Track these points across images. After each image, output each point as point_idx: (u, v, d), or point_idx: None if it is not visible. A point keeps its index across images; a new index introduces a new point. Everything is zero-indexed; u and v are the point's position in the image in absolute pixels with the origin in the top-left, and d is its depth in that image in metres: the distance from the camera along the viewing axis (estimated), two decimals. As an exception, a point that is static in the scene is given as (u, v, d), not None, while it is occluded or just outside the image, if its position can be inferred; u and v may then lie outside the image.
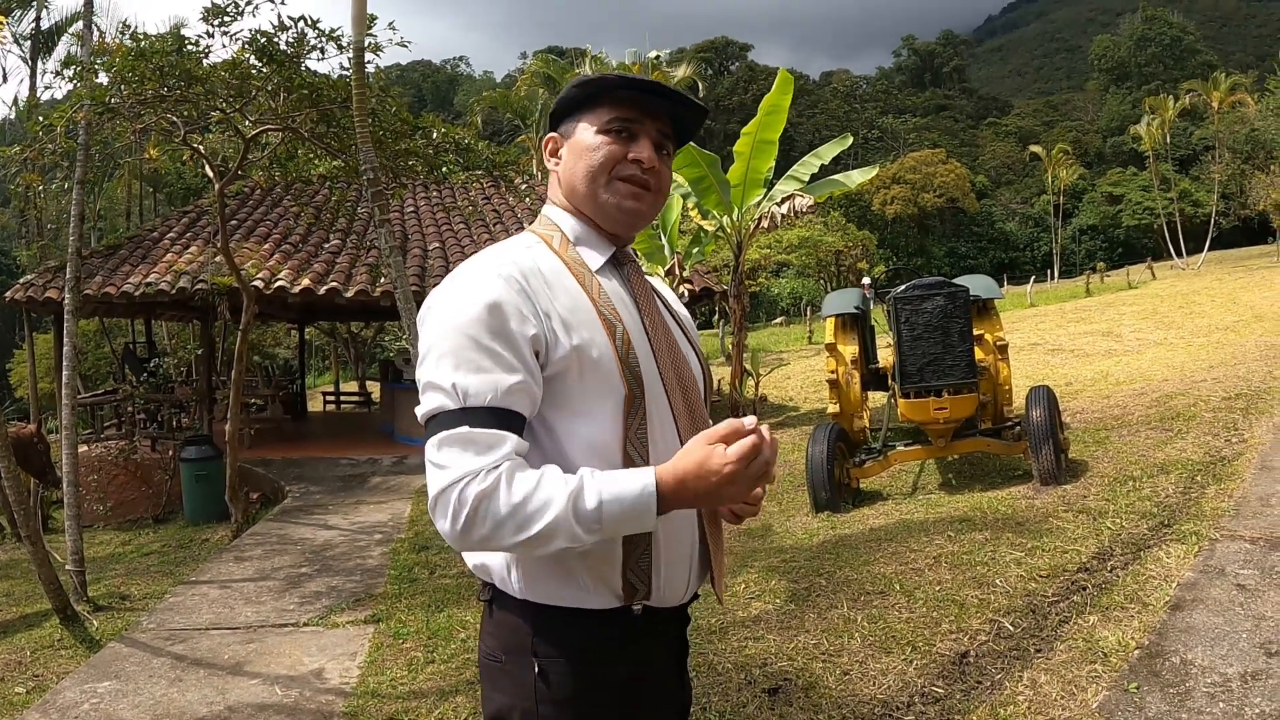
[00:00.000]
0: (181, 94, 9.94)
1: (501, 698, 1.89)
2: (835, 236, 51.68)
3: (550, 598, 1.81)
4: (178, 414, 17.25)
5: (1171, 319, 21.70)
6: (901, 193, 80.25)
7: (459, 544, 1.67)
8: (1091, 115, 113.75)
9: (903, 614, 5.29)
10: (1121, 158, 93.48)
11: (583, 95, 1.92)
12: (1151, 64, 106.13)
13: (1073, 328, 22.35)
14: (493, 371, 1.68)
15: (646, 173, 1.90)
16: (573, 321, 1.77)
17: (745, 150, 13.70)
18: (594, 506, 1.61)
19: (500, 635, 1.89)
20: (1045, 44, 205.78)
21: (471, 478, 1.62)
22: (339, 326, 32.97)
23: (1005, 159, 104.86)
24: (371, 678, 5.53)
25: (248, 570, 8.57)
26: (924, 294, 8.34)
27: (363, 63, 8.13)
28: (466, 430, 1.65)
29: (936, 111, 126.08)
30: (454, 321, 1.72)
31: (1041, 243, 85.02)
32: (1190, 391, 10.97)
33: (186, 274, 14.90)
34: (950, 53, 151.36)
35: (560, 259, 1.88)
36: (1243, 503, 6.57)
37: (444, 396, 1.69)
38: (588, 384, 1.77)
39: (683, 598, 1.95)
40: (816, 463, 8.45)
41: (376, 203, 8.22)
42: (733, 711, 4.31)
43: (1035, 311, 30.05)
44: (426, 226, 18.42)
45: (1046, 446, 7.95)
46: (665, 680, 1.99)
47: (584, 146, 1.91)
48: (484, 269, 1.78)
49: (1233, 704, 3.84)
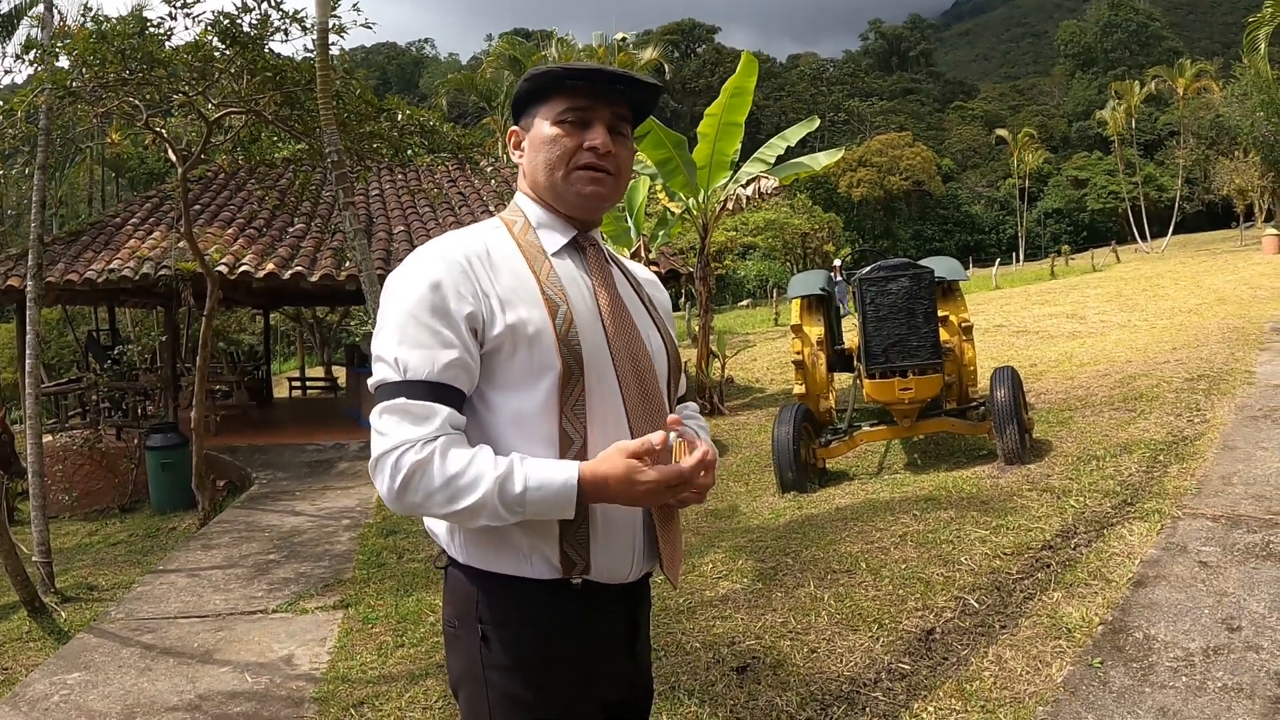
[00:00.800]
0: (143, 77, 9.82)
1: (456, 663, 1.97)
2: (801, 219, 51.75)
3: (491, 564, 1.88)
4: (143, 402, 17.13)
5: (1135, 301, 21.88)
6: (868, 175, 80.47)
7: (395, 505, 1.77)
8: (1057, 100, 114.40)
9: (869, 592, 5.33)
10: (1087, 142, 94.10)
11: (536, 88, 1.98)
12: (1117, 50, 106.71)
13: (1037, 310, 22.50)
14: (431, 347, 1.78)
15: (603, 158, 1.95)
16: (511, 300, 1.85)
17: (710, 132, 13.71)
18: (519, 491, 1.72)
19: (454, 602, 1.97)
20: (1012, 29, 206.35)
21: (409, 446, 1.74)
22: (304, 311, 32.72)
23: (971, 143, 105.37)
24: (341, 663, 5.53)
25: (215, 558, 8.53)
26: (889, 275, 8.39)
27: (326, 44, 8.07)
28: (404, 401, 1.77)
29: (903, 95, 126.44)
30: (400, 300, 1.83)
31: (1007, 226, 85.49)
32: (1153, 373, 11.09)
33: (150, 260, 14.74)
34: (917, 36, 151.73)
35: (516, 243, 1.96)
36: (1205, 481, 6.66)
37: (388, 369, 1.82)
38: (523, 360, 1.84)
39: (628, 576, 1.98)
40: (782, 443, 8.50)
41: (341, 186, 8.17)
42: (702, 690, 4.33)
43: (1000, 294, 30.23)
44: (391, 210, 18.31)
45: (1011, 426, 8.02)
46: (613, 656, 2.01)
47: (541, 139, 1.97)
48: (431, 252, 1.89)
49: (1195, 678, 3.90)
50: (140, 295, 17.82)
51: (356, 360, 19.13)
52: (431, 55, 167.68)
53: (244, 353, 26.88)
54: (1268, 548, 5.25)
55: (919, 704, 4.01)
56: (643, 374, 1.97)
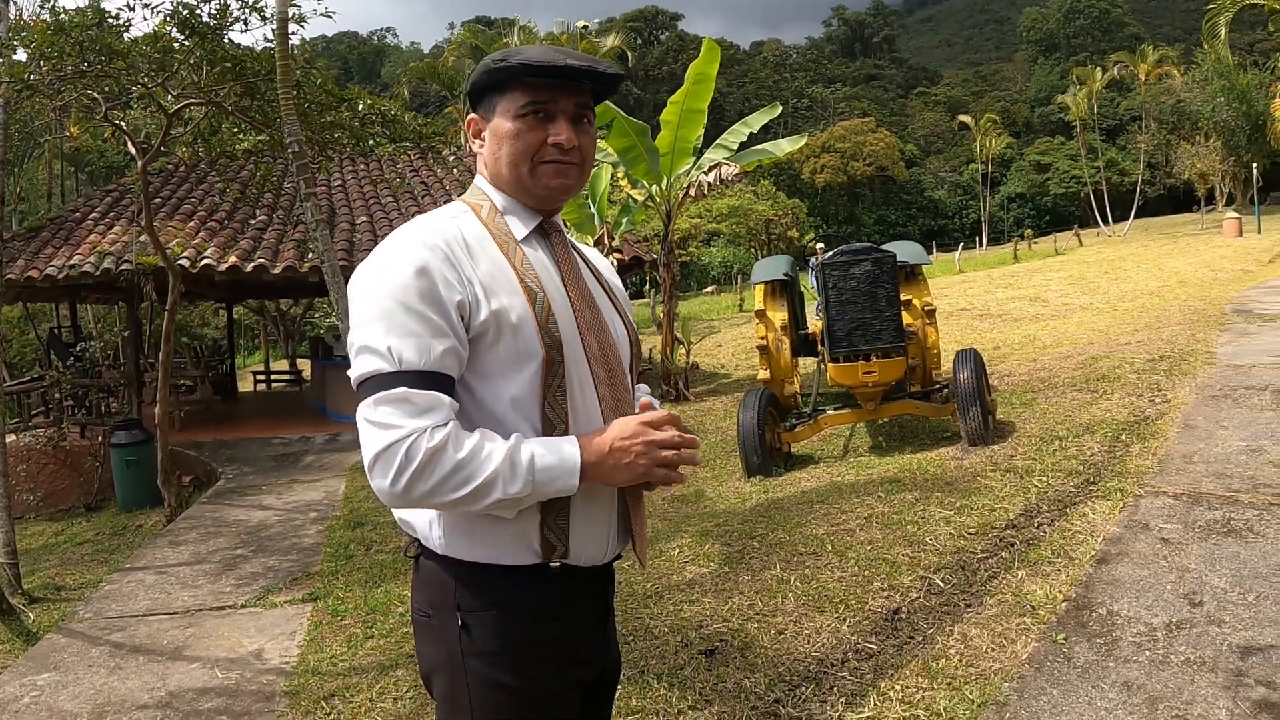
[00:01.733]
0: (102, 69, 9.74)
1: (431, 652, 1.94)
2: (765, 205, 51.81)
3: (471, 553, 1.87)
4: (106, 399, 16.98)
5: (1097, 284, 22.08)
6: (831, 161, 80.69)
7: (398, 500, 1.73)
8: (1020, 86, 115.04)
9: (835, 573, 5.37)
10: (1049, 127, 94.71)
11: (496, 80, 1.95)
12: (1080, 36, 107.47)
13: (1001, 293, 22.66)
14: (424, 336, 1.74)
15: (568, 152, 1.94)
16: (493, 287, 1.83)
17: (673, 119, 13.71)
18: (527, 463, 1.73)
19: (427, 591, 1.94)
20: (975, 15, 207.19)
21: (419, 434, 1.69)
22: (268, 304, 32.55)
23: (934, 128, 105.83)
24: (311, 656, 5.51)
25: (183, 554, 8.48)
26: (851, 260, 8.44)
27: (286, 34, 8.04)
28: (405, 390, 1.71)
29: (866, 81, 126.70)
30: (384, 287, 1.77)
31: (970, 210, 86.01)
32: (1115, 354, 11.20)
33: (111, 255, 14.60)
34: (880, 23, 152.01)
35: (486, 228, 1.93)
36: (1166, 460, 6.73)
37: (379, 359, 1.74)
38: (506, 347, 1.82)
39: (603, 558, 2.00)
40: (748, 428, 8.54)
41: (302, 177, 8.14)
42: (670, 673, 4.35)
43: (964, 278, 30.42)
44: (354, 200, 18.21)
45: (974, 408, 8.09)
46: (589, 636, 2.03)
47: (503, 133, 1.94)
48: (411, 237, 1.83)
49: (1158, 652, 3.95)
50: (102, 291, 17.66)
51: (321, 352, 19.00)
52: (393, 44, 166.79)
53: (208, 347, 26.72)
54: (1228, 524, 5.32)
55: (886, 683, 4.04)
56: (610, 360, 1.98)
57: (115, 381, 16.53)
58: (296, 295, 27.47)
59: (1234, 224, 35.65)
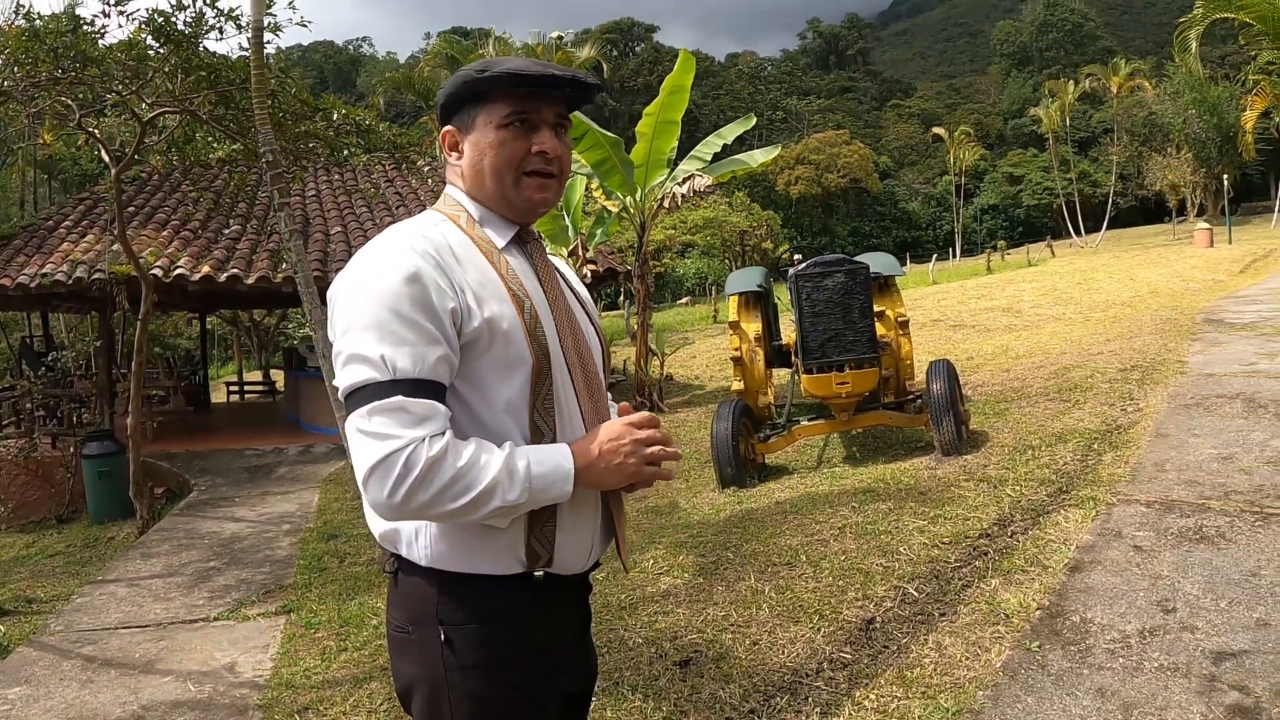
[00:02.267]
0: (76, 76, 9.69)
1: (410, 668, 1.92)
2: (740, 217, 51.91)
3: (454, 564, 1.85)
4: (78, 409, 16.83)
5: (1070, 295, 22.21)
6: (806, 173, 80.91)
7: (395, 512, 1.71)
8: (993, 98, 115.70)
9: (809, 584, 5.38)
10: (1022, 139, 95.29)
11: (477, 90, 1.93)
12: (1052, 49, 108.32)
13: (974, 304, 22.76)
14: (418, 344, 1.72)
15: (550, 162, 1.94)
16: (483, 295, 1.82)
17: (648, 131, 13.75)
18: (523, 470, 1.73)
19: (406, 605, 1.92)
20: (949, 28, 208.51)
21: (418, 443, 1.67)
22: (241, 315, 32.36)
23: (908, 140, 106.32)
24: (285, 669, 5.49)
25: (155, 567, 8.43)
26: (825, 271, 8.46)
27: (261, 42, 7.99)
28: (401, 400, 1.69)
29: (841, 93, 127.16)
30: (374, 295, 1.74)
31: (944, 222, 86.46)
32: (1088, 364, 11.27)
33: (83, 264, 14.52)
34: (855, 36, 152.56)
35: (468, 236, 1.92)
36: (1138, 468, 6.78)
37: (371, 369, 1.71)
38: (497, 355, 1.82)
39: (585, 564, 2.00)
40: (721, 439, 8.56)
41: (277, 186, 8.09)
42: (645, 685, 4.35)
43: (937, 289, 30.54)
44: (328, 210, 18.16)
45: (947, 418, 8.13)
46: (571, 646, 2.03)
47: (486, 144, 1.93)
48: (399, 244, 1.81)
49: (1132, 659, 3.98)
50: (74, 300, 17.49)
51: (295, 363, 18.94)
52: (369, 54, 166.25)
53: (180, 357, 26.56)
54: (1200, 531, 5.36)
55: (861, 692, 4.05)
56: (588, 367, 1.99)
57: (87, 392, 16.40)
58: (270, 306, 27.33)
59: (1205, 235, 35.94)
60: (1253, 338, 12.00)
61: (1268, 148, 55.63)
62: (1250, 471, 6.41)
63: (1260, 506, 5.69)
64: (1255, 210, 66.26)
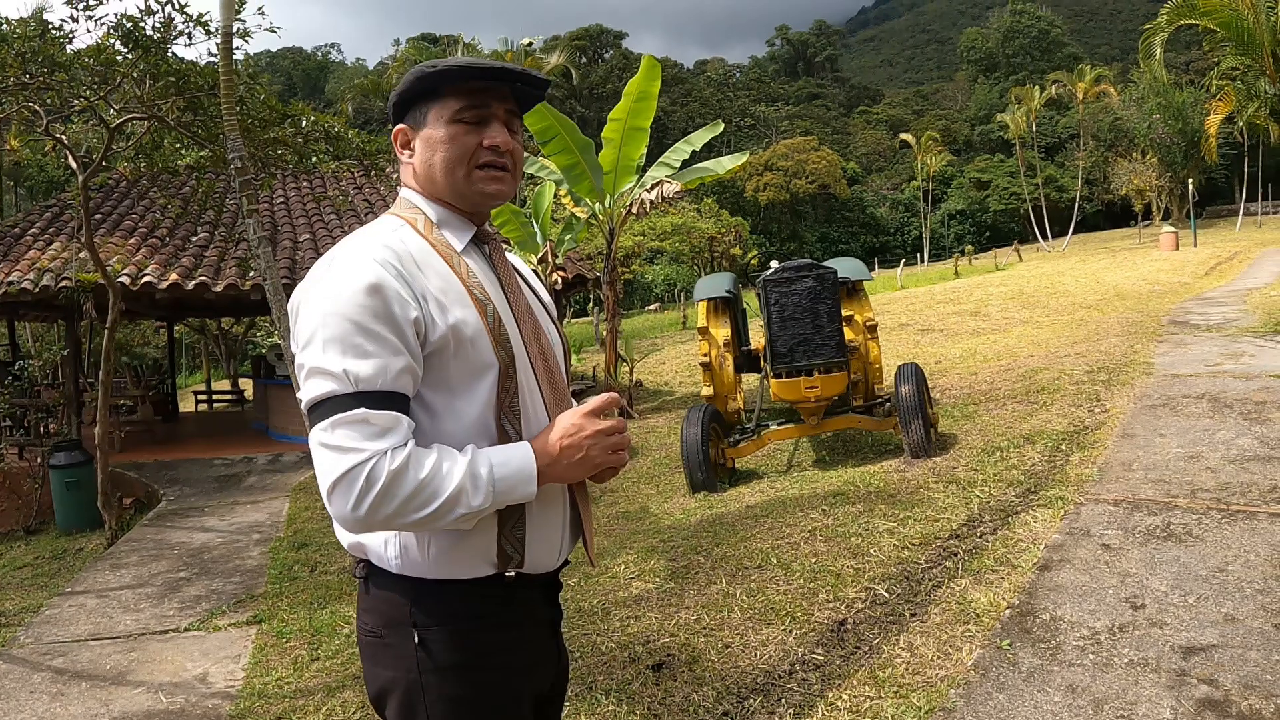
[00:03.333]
0: (44, 81, 9.63)
1: (384, 672, 1.92)
2: (708, 223, 51.96)
3: (426, 571, 1.86)
4: (45, 419, 16.66)
5: (1037, 299, 22.36)
6: (774, 179, 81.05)
7: (359, 525, 1.71)
8: (960, 104, 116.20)
9: (781, 586, 5.41)
10: (989, 145, 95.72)
11: (428, 88, 1.95)
12: (1019, 55, 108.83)
13: (942, 308, 22.88)
14: (381, 356, 1.72)
15: (502, 155, 1.96)
16: (445, 301, 1.82)
17: (616, 137, 13.75)
18: (485, 473, 1.73)
19: (379, 610, 1.92)
20: (916, 35, 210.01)
21: (380, 456, 1.67)
22: (209, 323, 32.15)
23: (876, 146, 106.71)
24: (257, 679, 5.46)
25: (125, 578, 8.36)
26: (793, 276, 8.52)
27: (230, 48, 7.98)
28: (364, 412, 1.69)
29: (809, 100, 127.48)
30: (335, 306, 1.74)
31: (911, 227, 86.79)
32: (1055, 366, 11.37)
33: (50, 271, 14.35)
34: (823, 42, 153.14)
35: (427, 240, 1.92)
36: (1105, 468, 6.86)
37: (333, 382, 1.71)
38: (463, 360, 1.82)
39: (555, 563, 2.01)
40: (691, 444, 8.58)
41: (245, 193, 8.07)
42: (618, 689, 4.36)
43: (906, 294, 30.68)
44: (297, 217, 18.07)
45: (916, 421, 8.19)
46: (542, 645, 2.04)
47: (438, 139, 1.94)
48: (359, 253, 1.80)
49: (1101, 655, 4.03)
50: (40, 308, 17.33)
51: (263, 372, 18.81)
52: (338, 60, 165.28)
53: (148, 366, 26.36)
54: (1168, 529, 5.44)
55: (833, 693, 4.08)
56: (551, 367, 2.00)
57: (54, 401, 16.24)
58: (238, 314, 27.14)
59: (1171, 238, 36.32)
60: (1218, 339, 12.15)
61: (1231, 151, 56.47)
62: (1216, 470, 6.50)
63: (1226, 504, 5.77)
64: (1220, 213, 66.92)
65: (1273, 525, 5.32)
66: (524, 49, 38.02)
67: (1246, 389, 8.81)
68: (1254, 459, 6.66)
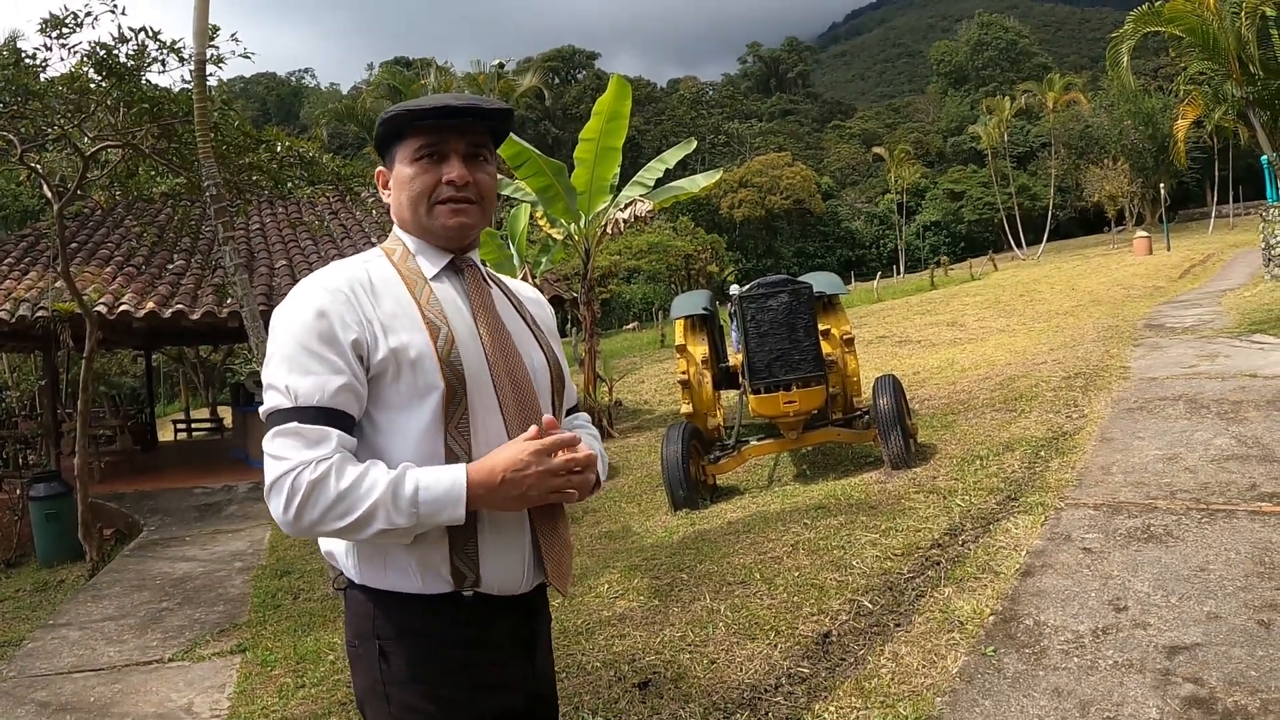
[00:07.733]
0: (18, 110, 9.62)
1: (360, 681, 2.01)
2: (684, 241, 52.16)
3: (385, 583, 1.94)
4: (23, 450, 16.59)
5: (1013, 307, 22.52)
6: (749, 196, 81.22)
7: (293, 528, 1.81)
8: (932, 117, 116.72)
9: (764, 601, 5.41)
10: (962, 156, 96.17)
11: (392, 130, 2.06)
12: (989, 67, 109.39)
13: (919, 320, 23.00)
14: (320, 374, 1.85)
15: (462, 189, 2.03)
16: (393, 325, 1.92)
17: (588, 157, 13.80)
18: (410, 493, 1.79)
19: (353, 622, 2.01)
20: (887, 49, 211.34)
21: (304, 467, 1.78)
22: (187, 351, 32.06)
23: (850, 160, 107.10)
24: (242, 708, 5.43)
25: (107, 609, 8.31)
26: (768, 292, 8.55)
27: (204, 75, 7.96)
28: (296, 425, 1.82)
29: (782, 116, 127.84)
30: (288, 329, 1.89)
31: (887, 240, 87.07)
32: (1032, 373, 11.45)
33: (26, 301, 14.25)
34: (795, 59, 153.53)
35: (396, 269, 2.03)
36: (1085, 473, 6.90)
37: (280, 396, 1.86)
38: (407, 382, 1.91)
39: (520, 587, 2.03)
40: (671, 462, 8.60)
41: (221, 220, 8.04)
42: (605, 708, 4.36)
43: (883, 306, 30.81)
44: (273, 244, 18.04)
45: (895, 432, 8.22)
46: (510, 664, 2.05)
47: (402, 179, 2.07)
48: (315, 282, 1.95)
49: (1086, 658, 4.05)
50: (17, 339, 17.22)
51: (242, 399, 18.75)
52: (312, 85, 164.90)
53: (126, 395, 26.24)
54: (1148, 530, 5.47)
55: (820, 705, 4.08)
56: (522, 391, 2.03)
57: (32, 432, 16.16)
58: (216, 341, 27.07)
59: (1144, 243, 36.63)
60: (1193, 341, 12.26)
61: (1201, 155, 56.96)
62: (1195, 470, 6.55)
63: (1206, 504, 5.82)
64: (1192, 217, 67.55)
65: (1252, 523, 5.36)
66: (496, 71, 38.10)
67: (1223, 389, 8.89)
68: (1232, 458, 6.72)
